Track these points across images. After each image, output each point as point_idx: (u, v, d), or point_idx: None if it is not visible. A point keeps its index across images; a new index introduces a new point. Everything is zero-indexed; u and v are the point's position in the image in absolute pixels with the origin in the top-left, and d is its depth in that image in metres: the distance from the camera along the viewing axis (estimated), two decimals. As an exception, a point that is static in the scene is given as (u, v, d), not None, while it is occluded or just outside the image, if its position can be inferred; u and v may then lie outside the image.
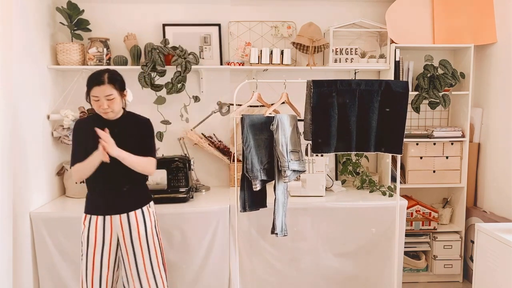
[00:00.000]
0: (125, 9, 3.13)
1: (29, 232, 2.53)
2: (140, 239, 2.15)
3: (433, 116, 3.37)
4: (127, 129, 2.15)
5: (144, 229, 2.17)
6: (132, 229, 2.14)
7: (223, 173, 3.27)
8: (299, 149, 2.42)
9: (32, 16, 2.68)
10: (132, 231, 2.14)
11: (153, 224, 2.22)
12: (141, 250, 2.15)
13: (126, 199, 2.16)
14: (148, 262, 2.17)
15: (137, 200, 2.19)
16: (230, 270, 2.71)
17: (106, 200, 2.14)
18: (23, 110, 2.49)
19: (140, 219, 2.16)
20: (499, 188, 3.01)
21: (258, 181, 2.35)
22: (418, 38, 3.09)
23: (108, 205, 2.13)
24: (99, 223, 2.13)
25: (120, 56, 2.98)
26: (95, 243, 2.12)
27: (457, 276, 3.25)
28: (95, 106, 2.07)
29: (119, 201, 2.14)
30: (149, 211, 2.22)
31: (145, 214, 2.19)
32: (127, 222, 2.14)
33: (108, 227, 2.13)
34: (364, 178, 3.08)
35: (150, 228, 2.19)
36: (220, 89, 3.21)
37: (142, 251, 2.16)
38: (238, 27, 3.19)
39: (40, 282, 2.59)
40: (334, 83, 2.33)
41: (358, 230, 2.74)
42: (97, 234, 2.12)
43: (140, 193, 2.23)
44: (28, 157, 2.55)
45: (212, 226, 2.65)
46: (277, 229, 2.37)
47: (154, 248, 2.19)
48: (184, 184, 2.80)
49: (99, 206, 2.14)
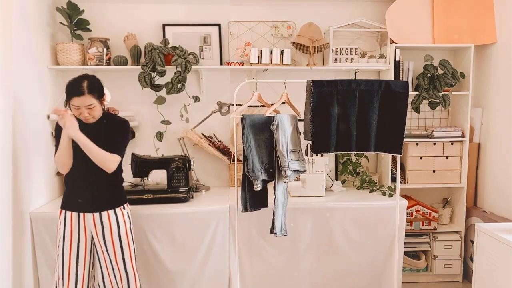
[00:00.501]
0: (125, 9, 3.13)
1: (29, 232, 2.53)
2: (112, 239, 2.18)
3: (433, 116, 3.37)
4: (104, 130, 2.17)
5: (117, 230, 2.19)
6: (105, 228, 2.17)
7: (223, 173, 3.27)
8: (299, 149, 2.42)
9: (32, 16, 2.68)
10: (105, 230, 2.17)
11: (128, 226, 2.24)
12: (114, 250, 2.18)
13: (99, 198, 2.18)
14: (121, 262, 2.20)
15: (110, 200, 2.21)
16: (230, 270, 2.71)
17: (79, 197, 2.17)
18: (23, 110, 2.49)
19: (112, 219, 2.18)
20: (499, 188, 3.01)
21: (259, 181, 2.35)
22: (418, 38, 3.09)
23: (81, 203, 2.16)
24: (74, 219, 2.16)
25: (120, 56, 2.98)
26: (71, 238, 2.15)
27: (457, 276, 3.25)
28: (75, 113, 2.10)
29: (93, 200, 2.17)
30: (123, 212, 2.23)
31: (118, 215, 2.21)
32: (99, 221, 2.17)
33: (82, 224, 2.16)
34: (364, 178, 3.08)
35: (123, 229, 2.21)
36: (220, 89, 3.21)
37: (115, 251, 2.18)
38: (238, 27, 3.19)
39: (40, 282, 2.59)
40: (334, 83, 2.33)
41: (358, 230, 2.74)
42: (73, 230, 2.16)
43: (114, 193, 2.25)
44: (28, 157, 2.55)
45: (212, 226, 2.65)
46: (276, 229, 2.37)
47: (129, 249, 2.22)
48: (184, 184, 2.80)
49: (73, 202, 2.17)
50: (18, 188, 2.41)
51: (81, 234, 2.17)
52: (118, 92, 3.10)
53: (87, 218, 2.16)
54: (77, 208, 2.17)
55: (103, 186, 2.19)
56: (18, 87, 2.44)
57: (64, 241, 2.16)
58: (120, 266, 2.20)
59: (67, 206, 2.19)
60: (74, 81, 2.08)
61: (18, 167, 2.41)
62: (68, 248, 2.16)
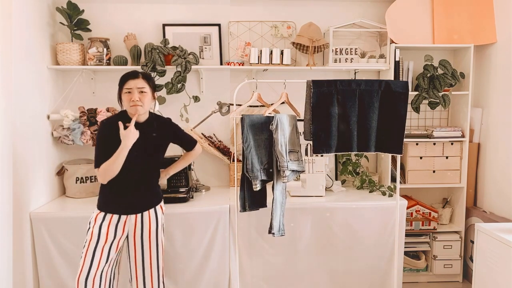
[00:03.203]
0: (125, 9, 3.14)
1: (29, 232, 2.53)
2: (150, 236, 2.19)
3: (433, 116, 3.37)
4: (151, 129, 2.20)
5: (156, 227, 2.21)
6: (144, 227, 2.19)
7: (223, 173, 3.27)
8: (298, 149, 2.42)
9: (32, 16, 2.68)
10: (144, 228, 2.18)
11: (162, 222, 2.27)
12: (149, 247, 2.19)
13: (143, 198, 2.20)
14: (154, 259, 2.21)
15: (152, 199, 2.24)
16: (230, 270, 2.71)
17: (124, 200, 2.16)
18: (23, 110, 2.49)
19: (152, 217, 2.21)
20: (499, 188, 3.01)
21: (258, 181, 2.35)
22: (418, 38, 3.09)
23: (125, 205, 2.16)
24: (113, 221, 2.14)
25: (120, 56, 2.98)
26: (106, 239, 2.11)
27: (457, 276, 3.25)
28: (126, 100, 2.11)
29: (137, 201, 2.18)
30: (162, 209, 2.28)
31: (158, 212, 2.24)
32: (140, 221, 2.18)
33: (121, 225, 2.15)
34: (364, 178, 3.08)
35: (161, 226, 2.24)
36: (220, 89, 3.21)
37: (150, 248, 2.19)
38: (238, 27, 3.19)
39: (40, 282, 2.59)
40: (334, 83, 2.33)
41: (358, 230, 2.74)
42: (109, 231, 2.13)
43: (154, 192, 2.27)
44: (28, 157, 2.55)
45: (212, 226, 2.65)
46: (274, 229, 2.37)
47: (162, 245, 2.24)
48: (184, 184, 2.80)
49: (117, 205, 2.15)
50: (18, 188, 2.41)
51: (117, 235, 2.13)
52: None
53: (129, 219, 2.16)
54: (121, 210, 2.15)
55: (146, 187, 2.21)
56: (18, 87, 2.44)
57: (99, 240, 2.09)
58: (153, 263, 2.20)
59: (109, 209, 2.14)
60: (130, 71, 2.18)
61: (18, 167, 2.41)
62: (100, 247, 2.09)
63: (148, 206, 2.21)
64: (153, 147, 2.21)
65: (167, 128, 2.30)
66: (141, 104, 2.11)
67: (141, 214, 2.19)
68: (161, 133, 2.24)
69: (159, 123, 2.27)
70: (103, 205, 2.17)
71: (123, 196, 2.15)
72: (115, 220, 2.14)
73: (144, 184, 2.21)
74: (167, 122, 2.33)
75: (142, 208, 2.19)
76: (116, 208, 2.15)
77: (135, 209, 2.17)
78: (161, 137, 2.24)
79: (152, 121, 2.23)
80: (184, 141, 2.42)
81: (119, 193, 2.15)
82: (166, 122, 2.33)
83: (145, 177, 2.21)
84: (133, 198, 2.17)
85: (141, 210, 2.19)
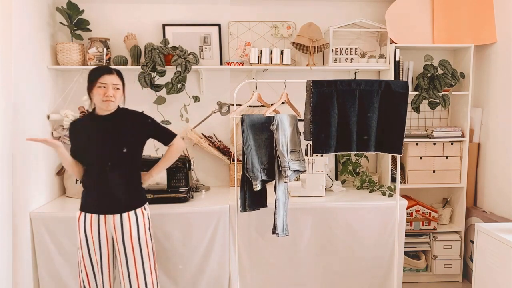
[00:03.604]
0: (125, 9, 3.14)
1: (29, 232, 2.53)
2: (132, 242, 2.13)
3: (433, 116, 3.37)
4: (121, 122, 2.17)
5: (137, 232, 2.14)
6: (125, 230, 2.12)
7: (223, 173, 3.27)
8: (299, 149, 2.42)
9: (32, 16, 2.68)
10: (124, 232, 2.12)
11: (147, 227, 2.20)
12: (132, 253, 2.14)
13: (120, 200, 2.14)
14: (140, 265, 2.15)
15: (130, 202, 2.17)
16: (230, 270, 2.71)
17: (99, 199, 2.14)
18: (23, 110, 2.49)
19: (133, 221, 2.14)
20: (499, 188, 3.01)
21: (259, 181, 2.35)
22: (418, 38, 3.09)
23: (101, 205, 2.13)
24: (94, 221, 2.13)
25: (120, 56, 2.98)
26: (93, 241, 2.12)
27: (457, 276, 3.25)
28: (99, 94, 2.10)
29: (113, 202, 2.13)
30: (143, 214, 2.20)
31: (139, 216, 2.17)
32: (119, 223, 2.12)
33: (103, 226, 2.13)
34: (364, 178, 3.08)
35: (143, 231, 2.17)
36: (220, 89, 3.21)
37: (134, 254, 2.14)
38: (238, 27, 3.19)
39: (40, 282, 2.59)
40: (334, 83, 2.33)
41: (358, 230, 2.74)
42: (93, 232, 2.12)
43: (134, 194, 2.21)
44: (28, 157, 2.55)
45: (212, 226, 2.65)
46: (278, 229, 2.37)
47: (147, 251, 2.17)
48: (184, 184, 2.80)
49: (93, 204, 2.14)
50: (18, 188, 2.41)
51: (101, 236, 2.12)
52: (118, 92, 3.11)
53: (108, 220, 2.12)
54: (98, 210, 2.13)
55: (124, 187, 2.15)
56: (18, 87, 2.44)
57: (88, 243, 2.12)
58: (138, 270, 2.14)
59: (87, 209, 2.15)
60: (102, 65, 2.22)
61: (18, 167, 2.41)
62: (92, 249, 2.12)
63: (127, 208, 2.14)
64: (126, 142, 2.14)
65: (139, 120, 2.22)
66: (114, 100, 2.12)
67: (120, 216, 2.12)
68: (133, 126, 2.18)
69: (130, 116, 2.22)
70: (83, 204, 2.18)
71: (99, 195, 2.14)
72: (96, 220, 2.13)
73: (121, 184, 2.14)
74: (139, 114, 2.25)
75: (120, 209, 2.13)
76: (94, 208, 2.13)
77: (112, 210, 2.12)
78: (134, 131, 2.18)
79: (120, 113, 2.18)
80: (160, 134, 2.28)
81: (95, 192, 2.15)
82: (138, 115, 2.24)
83: (122, 176, 2.15)
84: (110, 197, 2.13)
85: (119, 211, 2.12)
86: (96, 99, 2.11)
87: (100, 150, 2.11)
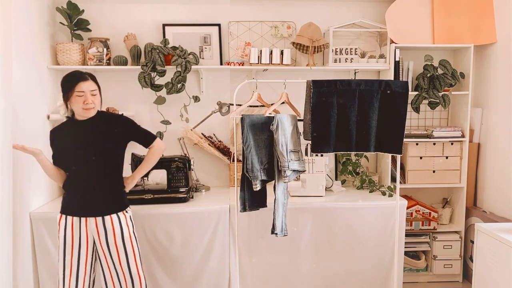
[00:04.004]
0: (125, 9, 3.14)
1: (29, 232, 2.54)
2: (116, 245, 2.14)
3: (433, 116, 3.37)
4: (101, 126, 2.17)
5: (121, 235, 2.15)
6: (108, 233, 2.13)
7: (223, 173, 3.27)
8: (299, 149, 2.42)
9: (32, 16, 2.68)
10: (108, 235, 2.13)
11: (131, 230, 2.21)
12: (118, 255, 2.15)
13: (101, 202, 2.14)
14: (126, 267, 2.16)
15: (112, 205, 2.18)
16: (230, 270, 2.71)
17: (81, 202, 2.14)
18: (23, 110, 2.49)
19: (116, 224, 2.15)
20: (499, 188, 3.01)
21: (258, 181, 2.35)
22: (418, 38, 3.09)
23: (83, 207, 2.13)
24: (75, 224, 2.13)
25: (120, 56, 2.98)
26: (72, 244, 2.12)
27: (457, 276, 3.25)
28: (78, 102, 2.09)
29: (94, 204, 2.14)
30: (126, 216, 2.20)
31: (121, 219, 2.17)
32: (102, 226, 2.13)
33: (84, 229, 2.13)
34: (364, 178, 3.08)
35: (127, 233, 2.17)
36: (220, 89, 3.21)
37: (119, 256, 2.15)
38: (238, 27, 3.19)
39: (40, 282, 2.59)
40: (334, 83, 2.33)
41: (358, 230, 2.74)
42: (74, 235, 2.12)
43: (116, 197, 2.22)
44: (28, 157, 2.53)
45: (212, 226, 2.65)
46: (277, 229, 2.37)
47: (133, 253, 2.19)
48: (184, 184, 2.80)
49: (74, 207, 2.14)
50: (18, 188, 2.41)
51: (82, 239, 2.13)
52: (118, 92, 3.11)
53: (89, 223, 2.13)
54: (78, 212, 2.13)
55: (105, 189, 2.16)
56: (18, 87, 2.44)
57: (66, 247, 2.13)
58: (125, 271, 2.16)
59: (68, 211, 2.15)
60: (74, 72, 2.16)
61: (18, 167, 2.41)
62: (69, 254, 2.13)
63: (109, 211, 2.14)
64: (107, 146, 2.15)
65: (119, 123, 2.22)
66: (94, 106, 2.12)
67: (102, 219, 2.12)
68: (113, 129, 2.18)
69: (110, 120, 2.22)
70: (63, 207, 2.18)
71: (80, 198, 2.14)
72: (77, 223, 2.13)
73: (101, 186, 2.15)
74: (118, 117, 2.28)
75: (101, 212, 2.13)
76: (75, 210, 2.13)
77: (93, 212, 2.12)
78: (114, 134, 2.18)
79: (99, 118, 2.18)
80: (140, 136, 2.27)
81: (76, 195, 2.15)
82: (117, 117, 2.27)
83: (102, 179, 2.15)
84: (90, 200, 2.13)
85: (100, 214, 2.12)
86: (76, 108, 2.11)
87: (82, 155, 2.11)
